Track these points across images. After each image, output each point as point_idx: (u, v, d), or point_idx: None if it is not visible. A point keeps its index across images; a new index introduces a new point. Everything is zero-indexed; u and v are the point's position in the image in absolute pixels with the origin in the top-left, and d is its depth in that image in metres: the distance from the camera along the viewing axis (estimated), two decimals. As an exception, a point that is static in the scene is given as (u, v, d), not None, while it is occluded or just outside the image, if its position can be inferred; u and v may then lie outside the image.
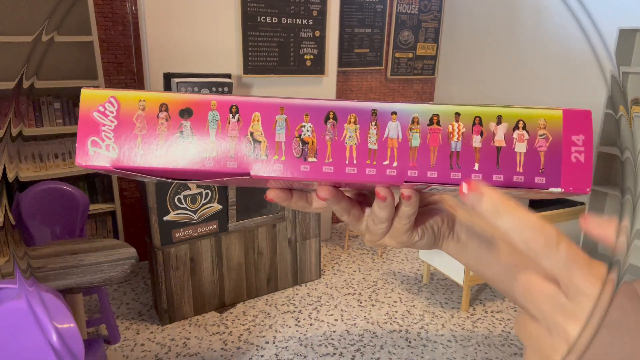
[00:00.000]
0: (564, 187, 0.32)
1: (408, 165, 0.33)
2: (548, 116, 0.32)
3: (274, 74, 3.17)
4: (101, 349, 1.75)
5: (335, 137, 0.32)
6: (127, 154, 0.32)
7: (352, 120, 0.32)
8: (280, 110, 0.32)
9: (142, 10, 2.69)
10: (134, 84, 3.09)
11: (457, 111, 0.32)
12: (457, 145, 0.32)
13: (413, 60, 4.19)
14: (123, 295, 2.93)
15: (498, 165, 0.32)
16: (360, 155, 0.33)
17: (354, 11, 3.78)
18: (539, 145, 0.32)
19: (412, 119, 0.32)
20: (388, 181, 0.33)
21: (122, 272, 1.91)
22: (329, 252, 3.57)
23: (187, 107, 0.32)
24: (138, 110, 0.32)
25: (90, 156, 0.32)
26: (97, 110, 0.32)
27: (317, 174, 0.33)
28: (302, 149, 0.32)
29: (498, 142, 0.32)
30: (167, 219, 2.46)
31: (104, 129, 0.32)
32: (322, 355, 2.38)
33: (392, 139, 0.32)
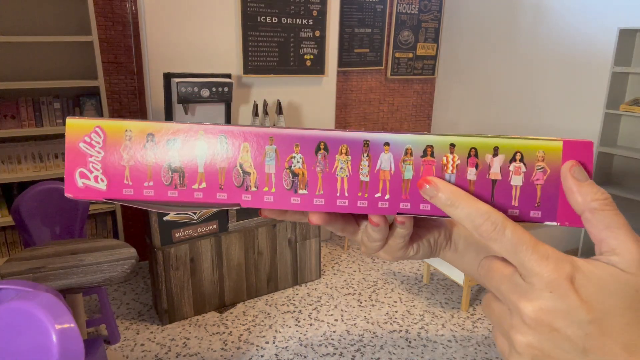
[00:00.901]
0: (559, 222, 0.31)
1: (400, 197, 0.32)
2: (547, 148, 0.31)
3: (274, 74, 3.17)
4: (101, 349, 1.75)
5: (326, 169, 0.32)
6: (116, 186, 0.32)
7: (344, 151, 0.32)
8: (269, 140, 0.32)
9: (142, 10, 2.69)
10: (134, 84, 3.09)
11: (452, 142, 0.32)
12: (452, 177, 0.32)
13: (413, 60, 4.19)
14: (123, 295, 2.93)
15: (493, 199, 0.32)
16: (352, 188, 0.32)
17: (354, 11, 3.79)
18: (536, 179, 0.31)
19: (405, 151, 0.32)
20: (380, 213, 0.33)
21: (122, 272, 1.91)
22: (329, 252, 3.57)
23: (174, 137, 0.32)
24: (125, 141, 0.32)
25: (79, 188, 0.32)
26: (84, 141, 0.32)
27: (308, 206, 0.32)
28: (293, 180, 0.32)
29: (494, 175, 0.32)
30: (167, 219, 2.46)
31: (91, 160, 0.32)
32: (322, 355, 2.38)
33: (384, 170, 0.32)
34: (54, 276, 1.86)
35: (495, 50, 3.86)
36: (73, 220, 2.47)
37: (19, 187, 2.76)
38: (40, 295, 1.30)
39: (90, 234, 3.09)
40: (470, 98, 4.15)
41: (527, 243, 0.28)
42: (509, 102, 3.82)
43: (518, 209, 0.32)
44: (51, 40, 2.69)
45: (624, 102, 3.02)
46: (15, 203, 2.34)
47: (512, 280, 0.28)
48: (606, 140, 3.07)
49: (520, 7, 3.63)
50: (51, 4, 2.74)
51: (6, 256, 2.87)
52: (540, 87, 3.56)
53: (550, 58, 3.47)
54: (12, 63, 2.73)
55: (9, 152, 2.75)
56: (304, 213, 0.39)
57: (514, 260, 0.28)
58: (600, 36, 3.13)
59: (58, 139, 2.85)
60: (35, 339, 1.23)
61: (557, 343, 0.27)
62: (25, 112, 2.73)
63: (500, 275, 0.29)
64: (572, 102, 3.37)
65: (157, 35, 2.74)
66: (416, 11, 4.07)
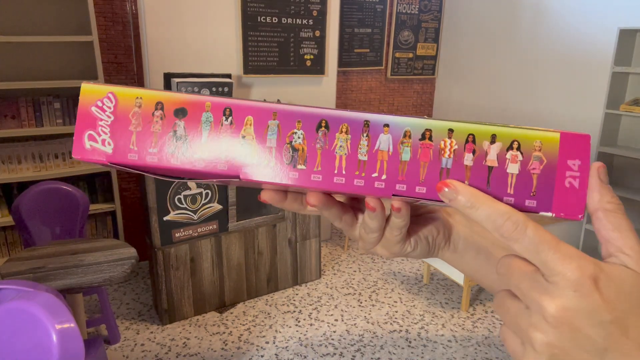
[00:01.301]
0: (555, 212, 0.31)
1: (397, 179, 0.32)
2: (544, 138, 0.31)
3: (274, 74, 3.17)
4: (101, 349, 1.75)
5: (325, 146, 0.32)
6: (122, 150, 0.33)
7: (344, 130, 0.32)
8: (273, 115, 0.33)
9: (142, 10, 2.69)
10: (134, 84, 3.09)
11: (451, 127, 0.32)
12: (448, 162, 0.32)
13: (413, 60, 4.19)
14: (123, 295, 2.93)
15: (488, 185, 0.32)
16: (350, 166, 0.32)
17: (354, 11, 3.79)
18: (532, 168, 0.31)
19: (404, 133, 0.32)
20: (376, 193, 0.33)
21: (122, 272, 1.91)
22: (329, 252, 3.57)
23: (182, 106, 0.33)
24: (134, 107, 0.33)
25: (86, 150, 0.33)
26: (96, 105, 0.33)
27: (305, 181, 0.33)
28: (292, 155, 0.32)
29: (490, 161, 0.32)
30: (167, 219, 2.46)
31: (101, 123, 0.33)
32: (322, 355, 2.38)
33: (382, 151, 0.32)
34: (54, 276, 1.86)
35: (495, 51, 3.86)
36: (73, 220, 2.47)
37: (19, 187, 2.76)
38: (40, 295, 1.30)
39: (90, 234, 3.09)
40: (470, 98, 4.15)
41: (550, 242, 0.28)
42: (509, 102, 3.82)
43: (513, 197, 0.32)
44: (51, 40, 2.69)
45: (624, 102, 3.02)
46: (15, 203, 2.34)
47: (534, 278, 0.28)
48: (606, 140, 3.07)
49: (520, 7, 3.63)
50: (51, 4, 2.74)
51: (6, 256, 2.87)
52: (540, 87, 3.56)
53: (550, 58, 3.47)
54: (12, 63, 2.73)
55: (9, 152, 2.75)
56: (302, 202, 0.40)
57: (536, 260, 0.28)
58: (600, 36, 3.13)
59: (58, 139, 2.85)
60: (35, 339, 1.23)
61: (578, 342, 0.27)
62: (25, 112, 2.73)
63: (521, 273, 0.29)
64: (572, 102, 3.37)
65: (157, 35, 2.74)
66: (416, 11, 4.07)
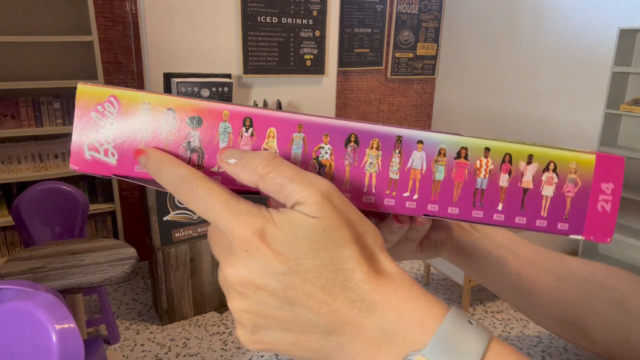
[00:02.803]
0: (585, 236, 0.31)
1: (429, 199, 0.31)
2: (580, 160, 0.30)
3: (274, 74, 3.17)
4: (101, 349, 1.75)
5: (355, 163, 0.30)
6: (128, 161, 0.30)
7: (375, 145, 0.30)
8: (298, 127, 0.30)
9: (142, 10, 2.69)
10: (134, 84, 3.09)
11: (488, 146, 0.31)
12: (483, 182, 0.31)
13: (413, 60, 4.19)
14: (123, 295, 2.92)
15: (522, 208, 0.31)
16: (380, 184, 0.31)
17: (354, 11, 3.78)
18: (567, 190, 0.31)
19: (439, 150, 0.31)
20: (406, 213, 0.31)
21: (122, 272, 1.91)
22: (329, 252, 3.57)
23: (196, 114, 0.30)
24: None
25: (86, 161, 0.29)
26: (96, 110, 0.29)
27: None
28: (319, 172, 0.30)
29: (526, 183, 0.31)
30: (167, 219, 2.46)
31: (103, 131, 0.29)
32: (322, 355, 2.38)
33: (415, 169, 0.31)
34: (54, 276, 1.86)
35: (496, 50, 3.86)
36: (73, 220, 2.47)
37: (19, 187, 2.76)
38: (40, 295, 1.30)
39: (90, 234, 3.09)
40: (470, 98, 4.15)
41: (219, 199, 0.26)
42: (509, 102, 3.82)
43: (546, 220, 0.31)
44: (51, 40, 2.69)
45: (624, 102, 3.02)
46: (15, 203, 2.34)
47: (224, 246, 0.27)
48: (606, 140, 3.07)
49: (520, 7, 3.63)
50: (51, 4, 2.74)
51: (6, 256, 2.87)
52: (541, 86, 3.56)
53: (550, 58, 3.47)
54: (12, 63, 2.73)
55: (9, 152, 2.75)
56: None
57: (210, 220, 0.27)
58: (600, 36, 3.13)
59: (58, 139, 2.85)
60: (35, 339, 1.23)
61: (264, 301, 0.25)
62: (25, 112, 2.73)
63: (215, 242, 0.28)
64: (572, 102, 3.37)
65: (157, 35, 2.74)
66: (416, 11, 4.07)
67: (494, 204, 0.31)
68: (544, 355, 2.42)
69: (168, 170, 0.28)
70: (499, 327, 2.66)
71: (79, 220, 2.48)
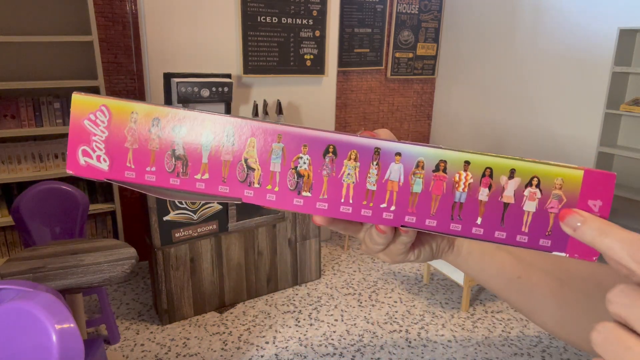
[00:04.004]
0: (569, 253, 0.30)
1: (407, 210, 0.31)
2: (566, 175, 0.29)
3: (274, 74, 3.17)
4: (101, 349, 1.75)
5: (332, 173, 0.31)
6: (118, 167, 0.32)
7: (353, 157, 0.31)
8: (277, 138, 0.31)
9: (142, 10, 2.69)
10: (134, 84, 3.09)
11: (467, 159, 0.30)
12: (462, 196, 0.30)
13: (413, 60, 4.19)
14: (123, 295, 2.92)
15: (502, 223, 0.30)
16: (357, 195, 0.31)
17: (354, 11, 3.78)
18: (550, 207, 0.30)
19: (417, 163, 0.30)
20: (384, 223, 0.32)
21: (122, 272, 1.91)
22: (329, 252, 3.57)
23: (180, 124, 0.31)
24: (130, 123, 0.31)
25: (81, 166, 0.32)
26: (88, 119, 0.31)
27: (310, 209, 0.31)
28: (297, 181, 0.31)
29: (506, 198, 0.30)
30: (167, 219, 2.46)
31: (95, 139, 0.32)
32: (322, 356, 2.38)
33: (392, 181, 0.31)
34: (54, 276, 1.86)
35: (496, 50, 3.86)
36: (73, 220, 2.47)
37: (19, 187, 2.76)
38: (40, 295, 1.30)
39: (90, 234, 3.09)
40: (470, 98, 4.15)
41: None
42: (509, 102, 3.82)
43: (527, 236, 0.30)
44: (51, 40, 2.69)
45: (624, 102, 3.02)
46: (15, 203, 2.34)
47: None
48: (606, 140, 3.07)
49: (520, 7, 3.63)
50: (51, 4, 2.74)
51: (6, 256, 2.87)
52: (540, 87, 3.56)
53: (550, 58, 3.47)
54: (12, 63, 2.73)
55: (9, 152, 2.75)
56: None
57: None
58: (600, 36, 3.13)
59: (58, 139, 2.85)
60: (35, 339, 1.23)
61: None
62: (25, 112, 2.73)
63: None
64: (572, 102, 3.37)
65: (157, 35, 2.74)
66: (416, 11, 4.07)
67: (473, 217, 0.31)
68: (543, 355, 2.42)
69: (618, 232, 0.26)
70: (499, 327, 2.66)
71: (79, 220, 2.48)
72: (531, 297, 0.46)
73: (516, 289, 0.47)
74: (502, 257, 0.46)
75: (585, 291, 0.44)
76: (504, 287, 0.47)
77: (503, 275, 0.46)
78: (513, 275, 0.46)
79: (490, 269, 0.46)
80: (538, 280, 0.46)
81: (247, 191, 0.31)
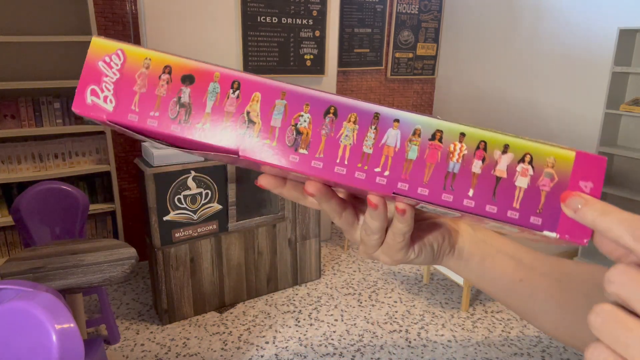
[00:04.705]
0: (559, 234, 0.29)
1: (400, 177, 0.31)
2: (558, 155, 0.30)
3: (274, 74, 3.17)
4: (101, 349, 1.75)
5: (331, 133, 0.31)
6: (123, 109, 0.32)
7: (352, 119, 0.31)
8: (281, 94, 0.32)
9: (142, 10, 2.69)
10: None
11: (463, 131, 0.30)
12: (456, 166, 0.30)
13: (413, 60, 4.19)
14: (123, 295, 2.93)
15: (494, 197, 0.30)
16: (353, 157, 0.31)
17: (354, 11, 3.79)
18: (542, 184, 0.30)
19: (414, 131, 0.31)
20: (376, 189, 0.31)
21: (122, 272, 1.91)
22: (329, 252, 3.57)
23: (190, 73, 0.32)
24: (142, 68, 0.32)
25: (87, 105, 0.32)
26: (103, 60, 0.32)
27: (305, 167, 0.31)
28: (295, 138, 0.31)
29: (499, 172, 0.30)
30: (167, 219, 2.46)
31: (106, 79, 0.32)
32: (322, 355, 2.38)
33: (389, 146, 0.31)
34: (54, 276, 1.86)
35: (495, 51, 3.86)
36: (73, 220, 2.47)
37: (19, 187, 2.76)
38: (40, 295, 1.30)
39: (90, 234, 3.09)
40: (470, 98, 4.15)
41: None
42: (509, 102, 3.82)
43: (518, 212, 0.30)
44: (51, 40, 2.69)
45: (624, 102, 3.02)
46: (15, 203, 2.34)
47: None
48: (606, 140, 3.07)
49: (520, 7, 3.63)
50: (51, 4, 2.74)
51: (6, 256, 2.87)
52: (540, 87, 3.56)
53: (550, 58, 3.47)
54: (12, 63, 2.73)
55: (9, 152, 2.75)
56: (302, 191, 0.38)
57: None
58: (600, 36, 3.13)
59: (58, 139, 2.85)
60: (35, 339, 1.23)
61: None
62: (25, 112, 2.73)
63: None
64: (572, 102, 3.37)
65: (157, 35, 2.74)
66: (416, 11, 4.07)
67: (465, 189, 0.31)
68: (543, 355, 2.42)
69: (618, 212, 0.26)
70: (498, 327, 2.66)
71: (79, 220, 2.48)
72: (533, 301, 0.46)
73: (518, 293, 0.46)
74: (503, 261, 0.46)
75: (584, 292, 0.44)
76: (506, 291, 0.47)
77: (505, 279, 0.46)
78: (515, 278, 0.46)
79: (492, 272, 0.46)
80: (539, 283, 0.46)
81: (245, 143, 0.32)
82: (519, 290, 0.46)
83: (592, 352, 0.24)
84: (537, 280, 0.46)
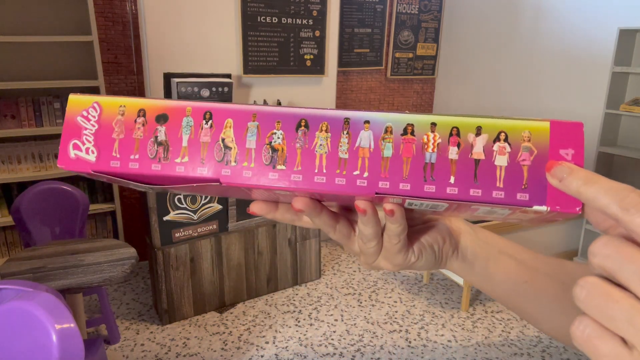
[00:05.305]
0: (549, 206, 0.29)
1: (379, 176, 0.31)
2: (533, 128, 0.30)
3: (274, 74, 3.17)
4: (101, 349, 1.75)
5: (305, 145, 0.32)
6: (105, 157, 0.33)
7: (324, 128, 0.32)
8: (252, 117, 0.33)
9: (142, 10, 2.69)
10: (134, 84, 3.09)
11: (433, 121, 0.31)
12: (432, 156, 0.31)
13: (413, 60, 4.19)
14: (123, 295, 2.93)
15: (476, 179, 0.30)
16: (330, 164, 0.32)
17: (354, 11, 3.78)
18: (522, 159, 0.30)
19: (386, 129, 0.31)
20: (358, 192, 0.32)
21: (122, 272, 1.91)
22: (329, 252, 3.57)
23: (163, 112, 0.33)
24: (118, 115, 0.33)
25: (71, 159, 0.33)
26: (81, 115, 0.34)
27: (285, 182, 0.32)
28: (272, 156, 0.32)
29: (476, 154, 0.30)
30: (167, 219, 2.46)
31: (85, 132, 0.33)
32: (322, 355, 2.38)
33: (363, 148, 0.31)
34: (54, 276, 1.86)
35: (495, 50, 3.86)
36: (73, 220, 2.47)
37: (19, 187, 2.76)
38: (40, 295, 1.30)
39: (90, 234, 3.09)
40: (470, 98, 4.15)
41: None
42: (509, 102, 3.81)
43: (503, 191, 0.30)
44: (51, 40, 2.69)
45: (624, 102, 3.02)
46: (15, 203, 2.34)
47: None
48: (606, 140, 3.07)
49: (520, 7, 3.63)
50: (51, 4, 2.74)
51: (6, 256, 2.87)
52: (540, 86, 3.56)
53: (550, 58, 3.47)
54: (12, 63, 2.73)
55: (9, 152, 2.75)
56: (295, 214, 0.39)
57: None
58: (600, 36, 3.13)
59: (58, 139, 2.84)
60: (35, 339, 1.23)
61: None
62: (25, 112, 2.73)
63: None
64: (572, 101, 3.37)
65: (157, 35, 2.74)
66: (416, 11, 4.06)
67: (446, 177, 0.31)
68: (543, 355, 2.42)
69: (605, 181, 0.25)
70: (498, 327, 2.66)
71: (79, 220, 2.48)
72: (537, 303, 0.46)
73: (523, 295, 0.46)
74: (506, 262, 0.45)
75: None
76: (511, 293, 0.46)
77: (510, 281, 0.45)
78: (519, 280, 0.45)
79: (497, 274, 0.45)
80: (543, 285, 0.45)
81: (225, 170, 0.32)
82: (525, 292, 0.46)
83: (577, 326, 0.24)
84: (542, 281, 0.46)
